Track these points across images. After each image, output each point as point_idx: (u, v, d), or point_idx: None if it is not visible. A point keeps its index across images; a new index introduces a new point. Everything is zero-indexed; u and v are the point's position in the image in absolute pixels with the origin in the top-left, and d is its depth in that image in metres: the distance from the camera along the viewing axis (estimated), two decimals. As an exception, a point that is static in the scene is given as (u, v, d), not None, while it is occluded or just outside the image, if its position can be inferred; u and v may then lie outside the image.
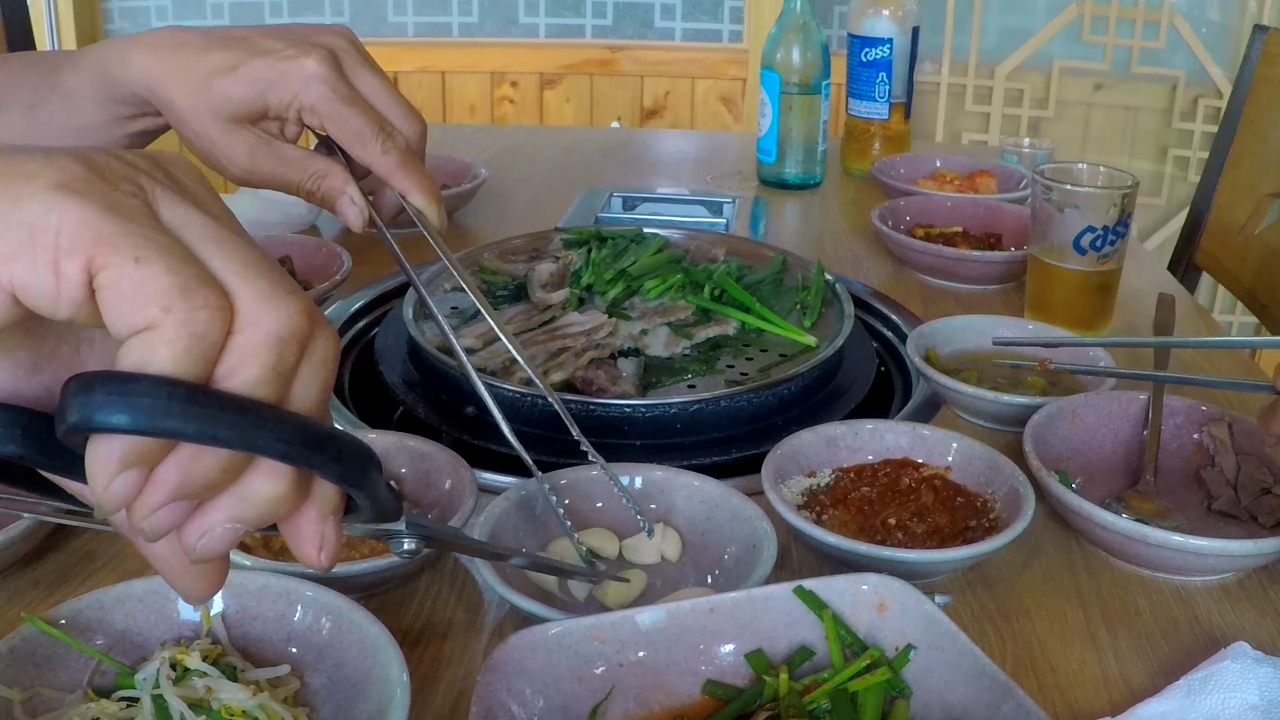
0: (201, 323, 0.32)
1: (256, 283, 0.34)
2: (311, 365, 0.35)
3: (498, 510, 0.66)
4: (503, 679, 0.48)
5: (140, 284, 0.31)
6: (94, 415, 0.31)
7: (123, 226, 0.32)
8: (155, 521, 0.34)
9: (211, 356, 0.33)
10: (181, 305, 0.32)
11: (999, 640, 0.63)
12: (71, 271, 0.31)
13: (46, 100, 0.73)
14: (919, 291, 1.15)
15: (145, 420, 0.31)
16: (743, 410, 0.84)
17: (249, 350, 0.33)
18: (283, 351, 0.34)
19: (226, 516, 0.35)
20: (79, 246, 0.31)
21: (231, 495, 0.35)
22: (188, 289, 0.32)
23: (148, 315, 0.32)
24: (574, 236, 1.12)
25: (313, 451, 0.35)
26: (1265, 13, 2.49)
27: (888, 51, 1.51)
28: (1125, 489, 0.76)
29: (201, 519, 0.35)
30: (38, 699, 0.52)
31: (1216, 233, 1.58)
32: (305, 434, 0.34)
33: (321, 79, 0.66)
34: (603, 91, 2.78)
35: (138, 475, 0.33)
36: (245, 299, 0.33)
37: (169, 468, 0.33)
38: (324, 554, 0.38)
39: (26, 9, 1.56)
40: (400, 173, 0.68)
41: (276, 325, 0.34)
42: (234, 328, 0.33)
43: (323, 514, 0.38)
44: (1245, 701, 0.54)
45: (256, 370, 0.33)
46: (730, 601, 0.53)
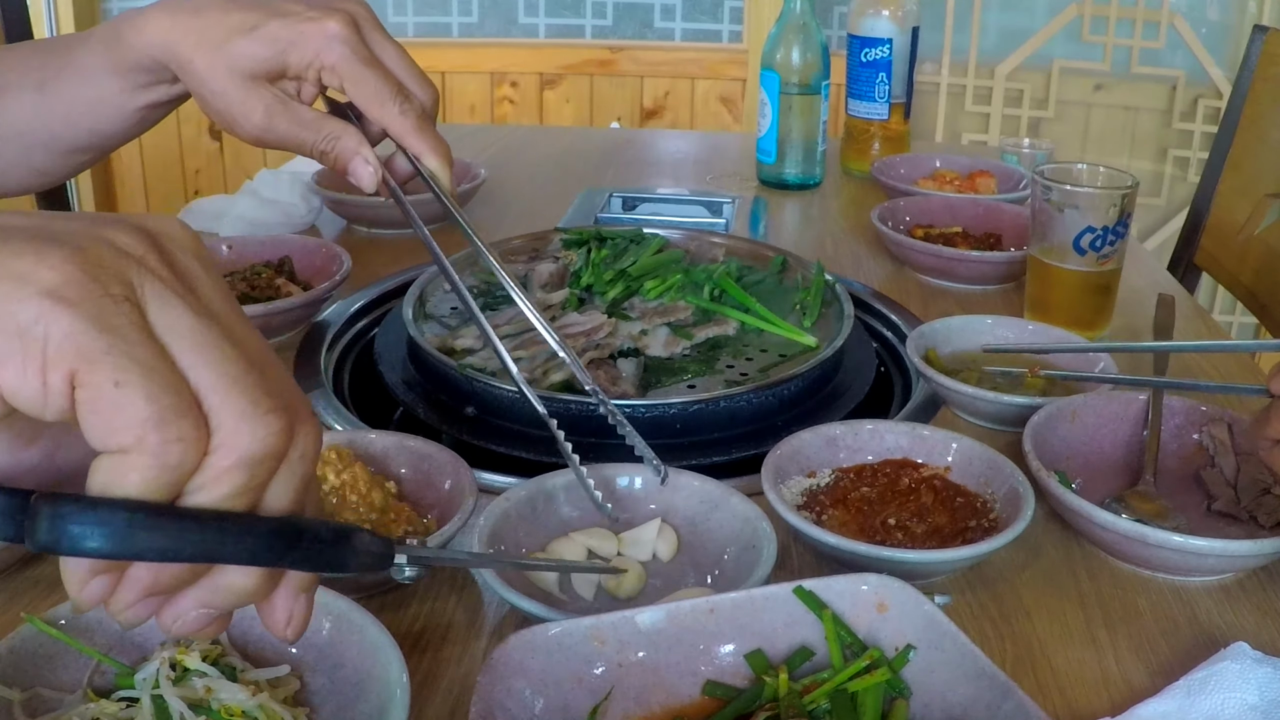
0: (174, 455, 0.33)
1: (237, 401, 0.34)
2: (288, 468, 0.36)
3: (497, 510, 0.66)
4: (502, 679, 0.48)
5: (118, 408, 0.32)
6: (60, 540, 0.32)
7: (107, 344, 0.32)
8: (130, 616, 0.35)
9: (181, 482, 0.33)
10: (155, 438, 0.32)
11: (999, 640, 0.63)
12: (56, 382, 0.32)
13: (57, 77, 0.74)
14: (919, 292, 1.15)
15: (109, 546, 0.32)
16: (742, 410, 0.84)
17: (220, 470, 0.34)
18: (255, 470, 0.34)
19: (199, 603, 0.36)
20: (64, 359, 0.31)
21: (203, 587, 0.36)
22: (163, 421, 0.32)
23: (121, 440, 0.32)
24: (574, 237, 1.12)
25: (281, 555, 0.36)
26: (1265, 13, 2.49)
27: (887, 52, 1.51)
28: (1125, 489, 0.76)
29: (175, 606, 0.36)
30: (38, 699, 0.52)
31: (1216, 233, 1.58)
32: (273, 540, 0.35)
33: (342, 40, 0.68)
34: (603, 92, 2.78)
35: (109, 580, 0.34)
36: (224, 417, 0.34)
37: (139, 569, 0.34)
38: (290, 629, 0.39)
39: (26, 8, 1.56)
40: (416, 135, 0.70)
41: (251, 447, 0.34)
42: (209, 447, 0.34)
43: (294, 593, 0.39)
44: (1245, 702, 0.54)
45: (226, 489, 0.34)
46: (730, 602, 0.53)
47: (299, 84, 0.70)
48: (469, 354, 0.88)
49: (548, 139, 1.94)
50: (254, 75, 0.68)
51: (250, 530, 0.35)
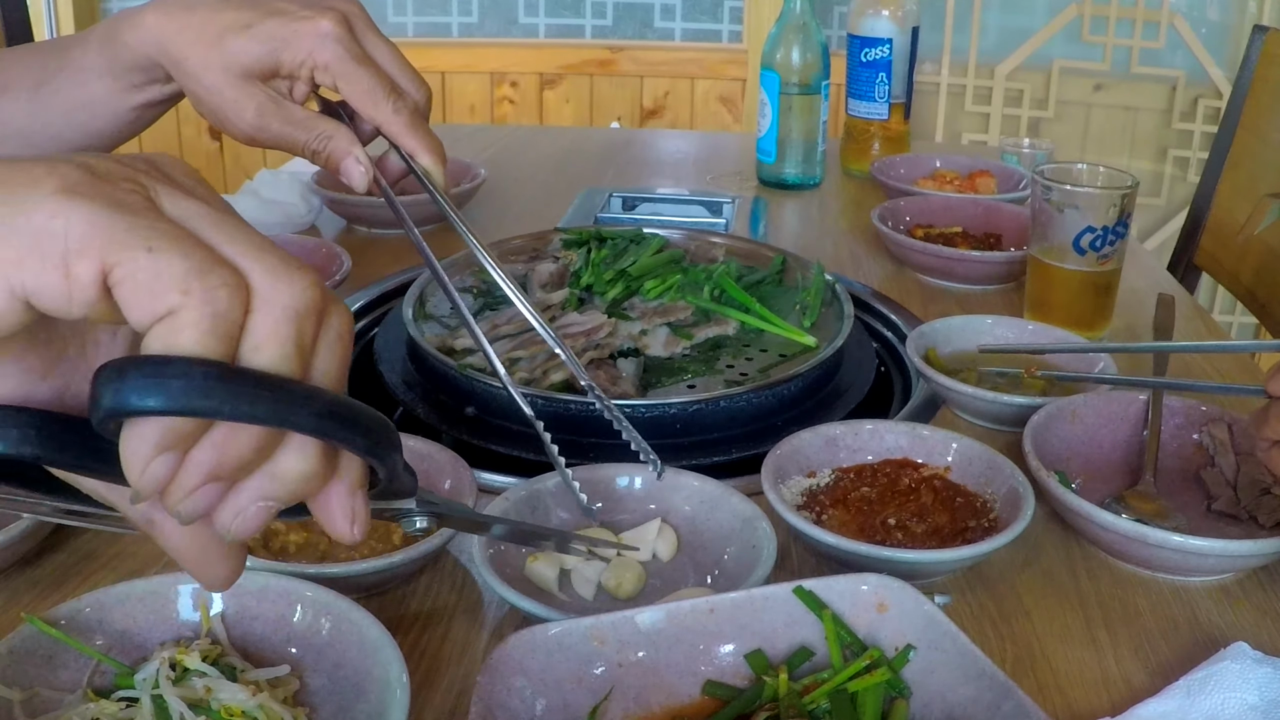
0: (222, 301, 0.33)
1: (267, 260, 0.34)
2: (328, 340, 0.36)
3: (497, 510, 0.66)
4: (502, 679, 0.48)
5: (157, 272, 0.32)
6: (129, 399, 0.32)
7: (130, 221, 0.32)
8: (190, 505, 0.35)
9: (234, 334, 0.33)
10: (199, 286, 0.32)
11: (999, 640, 0.63)
12: (83, 271, 0.32)
13: (53, 79, 0.74)
14: (918, 291, 1.15)
15: (180, 401, 0.32)
16: (742, 410, 0.84)
17: (269, 328, 0.34)
18: (301, 325, 0.34)
19: (259, 495, 0.36)
20: (89, 247, 0.32)
21: (263, 474, 0.36)
22: (203, 270, 0.32)
23: (168, 301, 0.32)
24: (574, 237, 1.12)
25: (341, 425, 0.35)
26: (1265, 13, 2.49)
27: (887, 52, 1.51)
28: (1125, 489, 0.76)
29: (235, 499, 0.36)
30: (38, 699, 0.52)
31: (1216, 233, 1.58)
32: (334, 409, 0.35)
33: (335, 39, 0.68)
34: (602, 92, 2.78)
35: (173, 459, 0.33)
36: (258, 277, 0.34)
37: (203, 450, 0.34)
38: (356, 526, 0.39)
39: (26, 9, 1.56)
40: (409, 133, 0.70)
41: (292, 300, 0.34)
42: (250, 307, 0.34)
43: (351, 488, 0.38)
44: (1245, 702, 0.54)
45: (278, 347, 0.34)
46: (730, 602, 0.53)
47: (292, 83, 0.70)
48: (469, 354, 0.88)
49: (548, 139, 1.94)
50: (247, 73, 0.68)
51: (312, 396, 0.34)
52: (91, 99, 0.74)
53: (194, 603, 0.57)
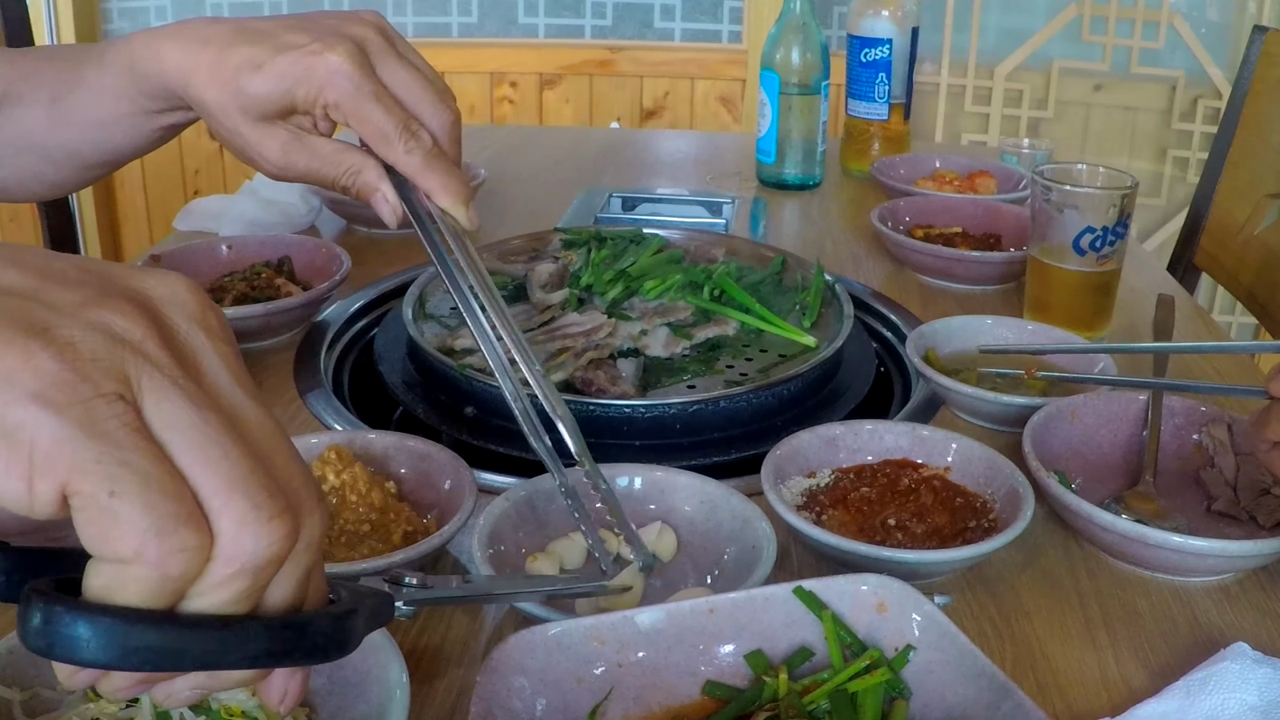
0: (176, 566, 0.31)
1: (239, 505, 0.32)
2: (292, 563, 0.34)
3: (497, 510, 0.66)
4: (502, 679, 0.48)
5: (113, 520, 0.30)
6: (53, 647, 0.31)
7: (98, 451, 0.30)
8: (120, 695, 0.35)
9: (183, 590, 0.32)
10: (155, 549, 0.31)
11: (999, 640, 0.63)
12: (44, 490, 0.30)
13: (70, 94, 0.72)
14: (918, 292, 1.15)
15: (104, 657, 0.31)
16: (742, 410, 0.84)
17: (222, 578, 0.32)
18: (258, 576, 0.33)
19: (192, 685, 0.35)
20: (53, 469, 0.30)
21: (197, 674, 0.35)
22: (163, 531, 0.31)
23: (118, 552, 0.31)
24: (573, 237, 1.12)
25: (283, 655, 0.35)
26: (1265, 13, 2.49)
27: (887, 52, 1.51)
28: (1125, 489, 0.76)
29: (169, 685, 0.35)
30: (37, 699, 0.52)
31: (1216, 233, 1.58)
32: (274, 642, 0.34)
33: (346, 75, 0.65)
34: (602, 92, 2.78)
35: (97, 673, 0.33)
36: (225, 522, 0.32)
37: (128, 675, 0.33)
38: (284, 705, 0.38)
39: (26, 9, 1.56)
40: (424, 174, 0.66)
41: (255, 555, 0.32)
42: (211, 554, 0.32)
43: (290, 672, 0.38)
44: (1244, 702, 0.54)
45: (227, 596, 0.33)
46: (730, 602, 0.53)
47: (312, 118, 0.68)
48: (468, 354, 0.88)
49: (547, 139, 1.94)
50: (265, 115, 0.66)
51: (251, 635, 0.33)
52: (111, 119, 0.72)
53: (194, 603, 0.57)
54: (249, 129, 0.67)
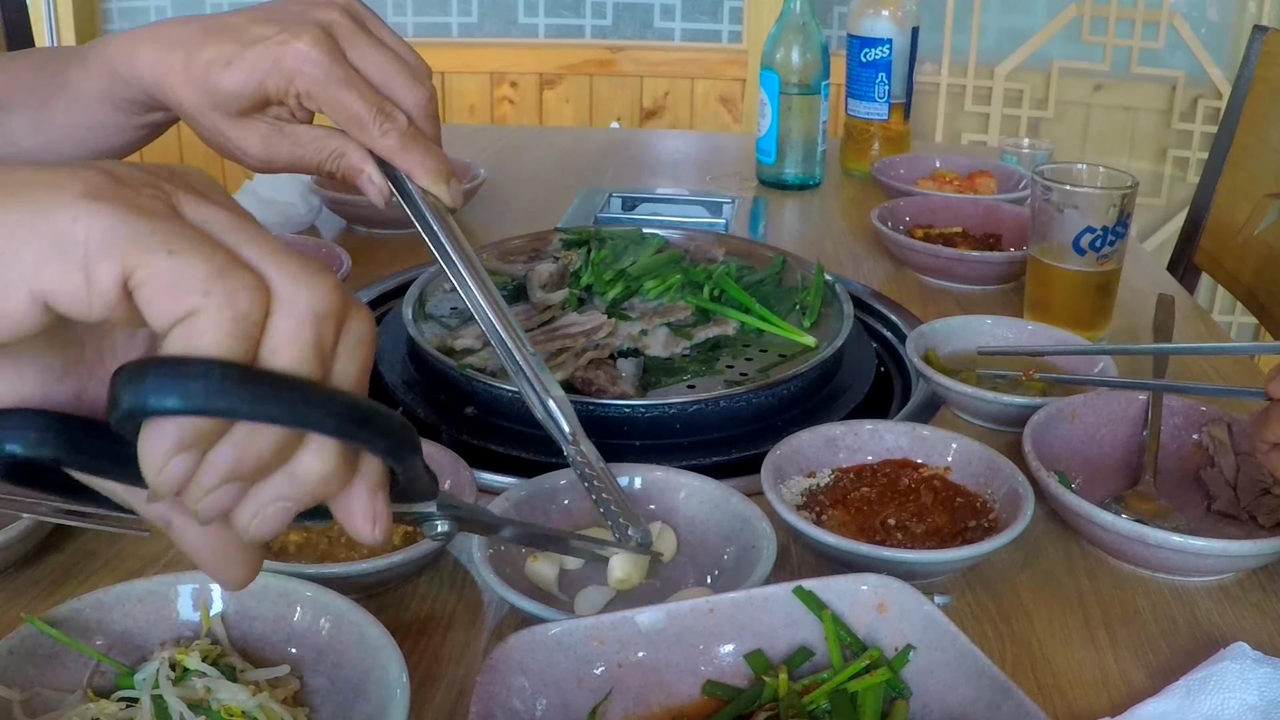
0: (243, 302, 0.33)
1: (288, 264, 0.35)
2: (349, 343, 0.36)
3: (497, 510, 0.66)
4: (502, 679, 0.48)
5: (178, 274, 0.32)
6: (148, 400, 0.32)
7: (151, 225, 0.33)
8: (209, 504, 0.35)
9: (254, 336, 0.34)
10: (220, 288, 0.32)
11: (999, 640, 0.63)
12: (104, 275, 0.32)
13: (54, 100, 0.73)
14: (918, 292, 1.15)
15: (198, 401, 0.32)
16: (742, 410, 0.84)
17: (289, 330, 0.34)
18: (320, 329, 0.35)
19: (278, 495, 0.36)
20: (110, 250, 0.32)
21: (282, 475, 0.36)
22: (224, 272, 0.33)
23: (189, 303, 0.32)
24: (573, 237, 1.12)
25: (360, 427, 0.36)
26: (1265, 13, 2.49)
27: (887, 52, 1.51)
28: (1125, 489, 0.76)
29: (254, 499, 0.36)
30: (38, 699, 0.52)
31: (1216, 233, 1.58)
32: (353, 410, 0.35)
33: (314, 62, 0.64)
34: (602, 92, 2.78)
35: (191, 458, 0.33)
36: (279, 281, 0.34)
37: (222, 450, 0.34)
38: (378, 528, 0.39)
39: (26, 9, 1.56)
40: (401, 155, 0.66)
41: (312, 303, 0.34)
42: (271, 310, 0.34)
43: (371, 489, 0.38)
44: (1244, 702, 0.54)
45: (298, 349, 0.34)
46: (730, 602, 0.53)
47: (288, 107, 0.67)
48: (469, 354, 0.88)
49: (547, 139, 1.94)
50: (241, 111, 0.66)
51: (330, 397, 0.35)
52: (96, 122, 0.72)
53: (194, 603, 0.57)
54: (228, 126, 0.67)
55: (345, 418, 0.35)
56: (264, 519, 0.36)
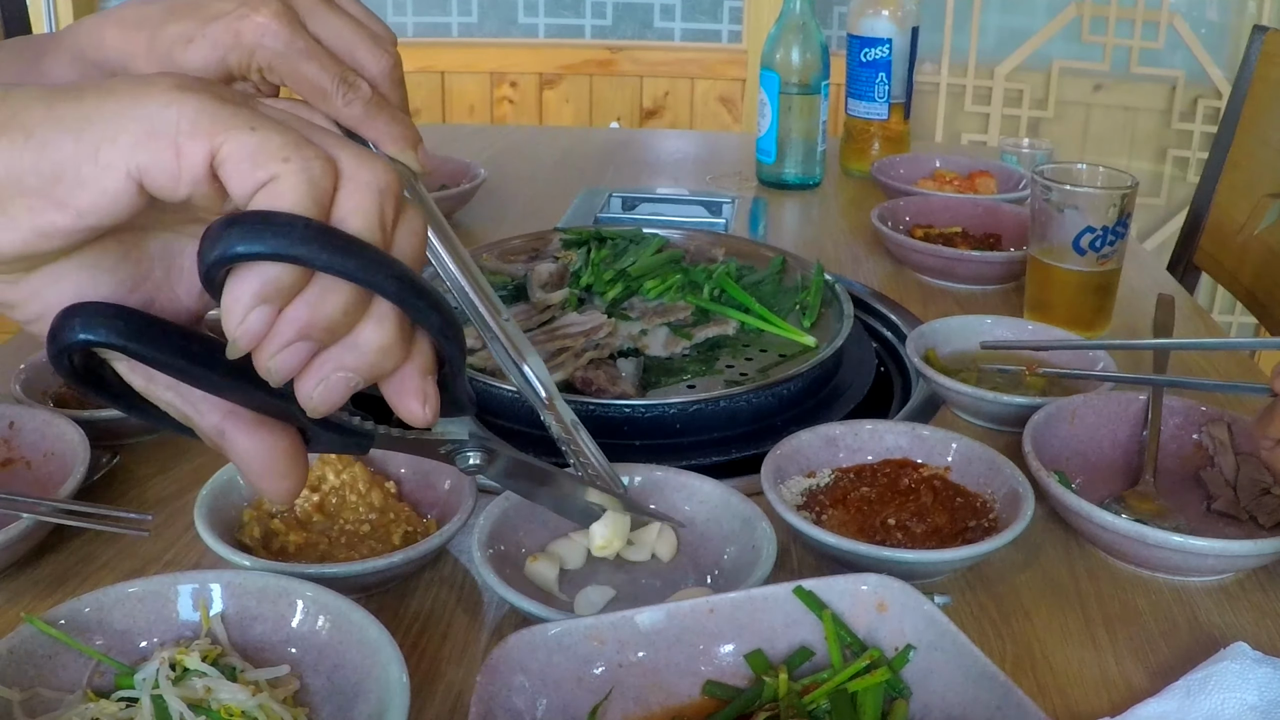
0: (316, 169, 0.37)
1: (349, 147, 0.39)
2: (405, 230, 0.40)
3: (497, 510, 0.66)
4: (502, 679, 0.48)
5: (259, 146, 0.37)
6: (236, 246, 0.36)
7: (234, 110, 0.37)
8: (281, 361, 0.39)
9: (326, 203, 0.38)
10: (297, 155, 0.37)
11: (999, 640, 0.63)
12: (193, 151, 0.36)
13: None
14: (918, 292, 1.15)
15: (282, 247, 0.36)
16: (742, 410, 0.84)
17: (356, 200, 0.38)
18: (383, 202, 0.39)
19: (340, 365, 0.40)
20: (199, 130, 0.36)
21: (345, 345, 0.40)
22: (299, 143, 0.37)
23: (270, 168, 0.37)
24: (573, 237, 1.12)
25: (419, 296, 0.39)
26: (1265, 13, 2.49)
27: (887, 52, 1.51)
28: (1124, 489, 0.76)
29: (319, 367, 0.40)
30: (37, 699, 0.52)
31: (1216, 233, 1.58)
32: (413, 279, 0.39)
33: (273, 34, 0.63)
34: (602, 92, 2.78)
35: (269, 312, 0.38)
36: (345, 159, 0.39)
37: (297, 307, 0.38)
38: (428, 407, 0.43)
39: (25, 9, 1.56)
40: (366, 124, 0.65)
41: (375, 179, 0.39)
42: (339, 183, 0.38)
43: (422, 371, 0.42)
44: (1244, 702, 0.54)
45: (365, 218, 0.38)
46: (730, 602, 0.53)
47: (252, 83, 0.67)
48: (469, 353, 0.88)
49: (547, 139, 1.94)
50: None
51: (394, 263, 0.39)
52: None
53: (194, 603, 0.57)
54: None
55: (406, 283, 0.39)
56: (327, 387, 0.40)
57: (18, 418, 0.74)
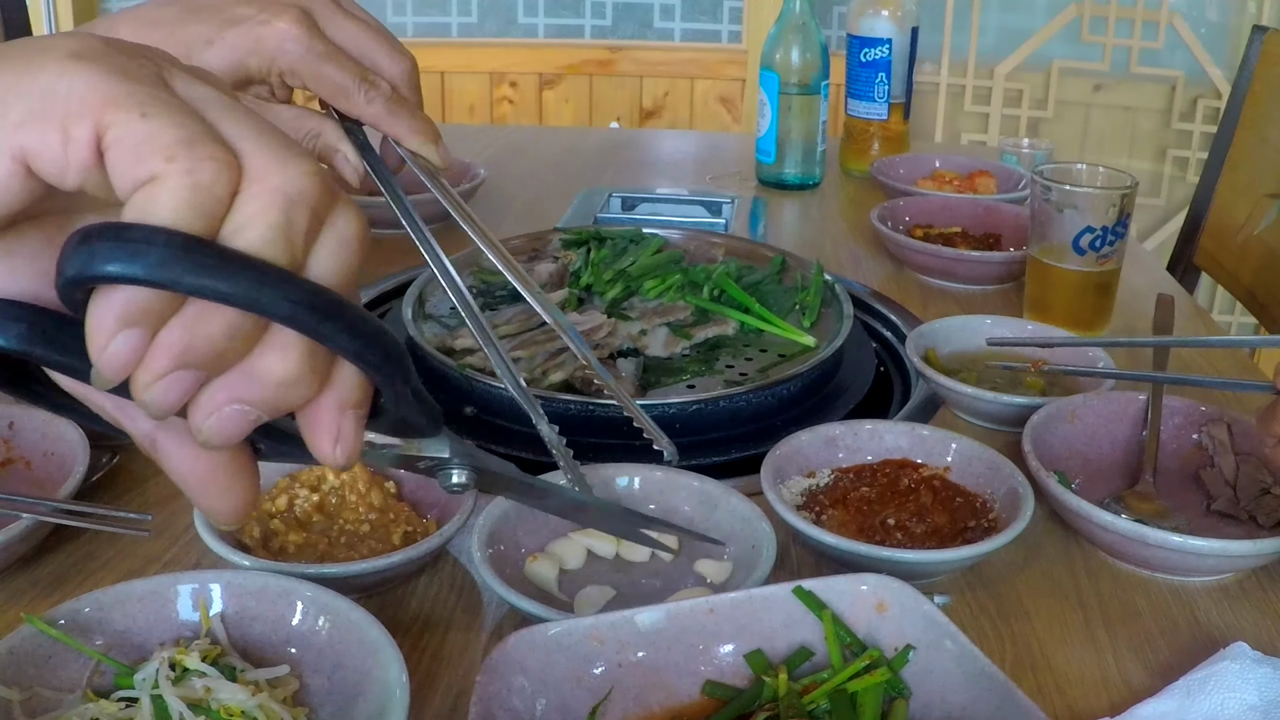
0: (206, 173, 0.31)
1: (267, 143, 0.33)
2: (331, 239, 0.34)
3: (497, 511, 0.66)
4: (502, 679, 0.48)
5: (146, 137, 0.31)
6: (91, 265, 0.30)
7: (131, 88, 0.32)
8: (158, 392, 0.32)
9: (216, 212, 0.32)
10: (185, 155, 0.31)
11: (998, 640, 0.63)
12: (80, 134, 0.31)
13: None
14: (918, 292, 1.15)
15: (142, 269, 0.30)
16: (742, 410, 0.84)
17: (255, 208, 0.32)
18: (291, 212, 0.32)
19: (233, 396, 0.33)
20: (87, 109, 0.31)
21: (239, 372, 0.33)
22: (193, 140, 0.31)
23: (151, 167, 0.31)
24: (573, 237, 1.12)
25: (322, 318, 0.32)
26: (1264, 13, 2.49)
27: (887, 52, 1.51)
28: (1124, 489, 0.76)
29: (209, 396, 0.33)
30: (37, 699, 0.52)
31: (1215, 233, 1.58)
32: (315, 299, 0.32)
33: (295, 39, 0.66)
34: (602, 92, 2.78)
35: (139, 336, 0.31)
36: (255, 158, 0.32)
37: (172, 330, 0.31)
38: (339, 448, 0.35)
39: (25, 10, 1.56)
40: (389, 120, 0.68)
41: (284, 183, 0.32)
42: (241, 187, 0.32)
43: (341, 404, 0.35)
44: (1244, 702, 0.54)
45: (262, 229, 0.32)
46: (730, 602, 0.53)
47: (269, 86, 0.69)
48: (468, 354, 0.88)
49: (547, 139, 1.94)
50: None
51: (291, 282, 0.32)
52: None
53: (194, 603, 0.57)
54: None
55: (305, 305, 0.32)
56: (220, 420, 0.33)
57: (17, 418, 0.74)
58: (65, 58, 0.32)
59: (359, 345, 0.33)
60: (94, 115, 0.31)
